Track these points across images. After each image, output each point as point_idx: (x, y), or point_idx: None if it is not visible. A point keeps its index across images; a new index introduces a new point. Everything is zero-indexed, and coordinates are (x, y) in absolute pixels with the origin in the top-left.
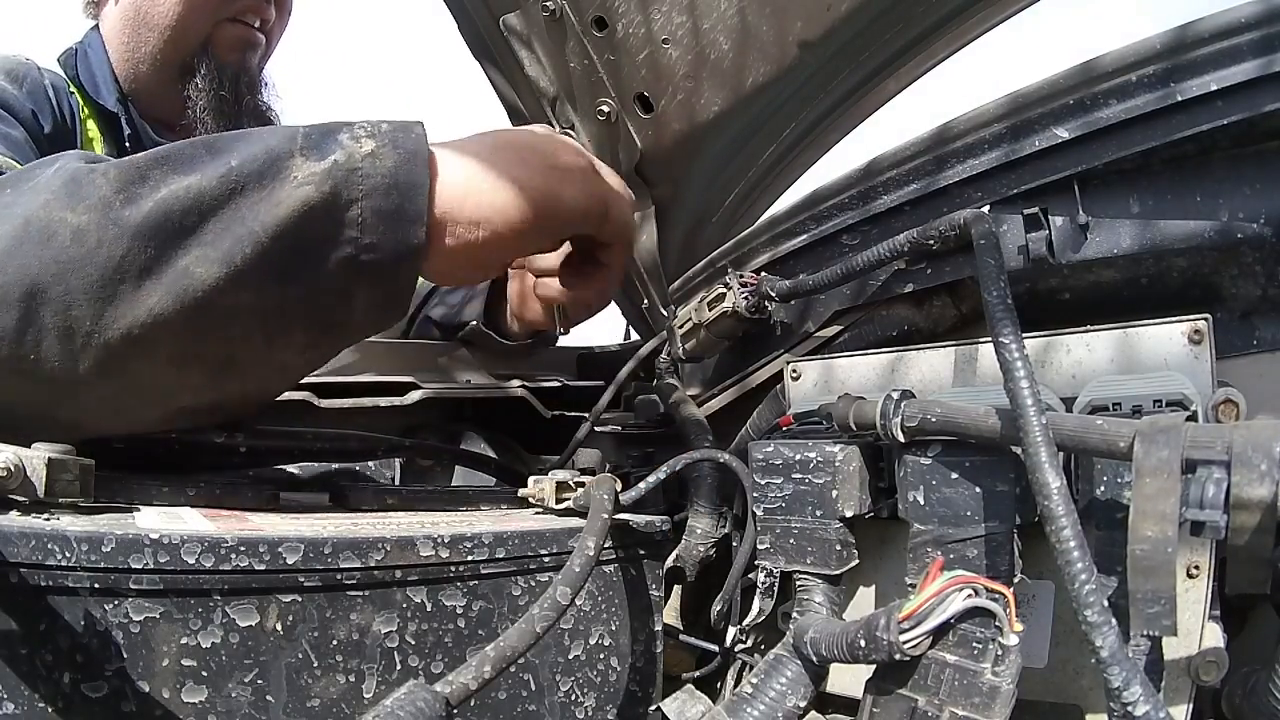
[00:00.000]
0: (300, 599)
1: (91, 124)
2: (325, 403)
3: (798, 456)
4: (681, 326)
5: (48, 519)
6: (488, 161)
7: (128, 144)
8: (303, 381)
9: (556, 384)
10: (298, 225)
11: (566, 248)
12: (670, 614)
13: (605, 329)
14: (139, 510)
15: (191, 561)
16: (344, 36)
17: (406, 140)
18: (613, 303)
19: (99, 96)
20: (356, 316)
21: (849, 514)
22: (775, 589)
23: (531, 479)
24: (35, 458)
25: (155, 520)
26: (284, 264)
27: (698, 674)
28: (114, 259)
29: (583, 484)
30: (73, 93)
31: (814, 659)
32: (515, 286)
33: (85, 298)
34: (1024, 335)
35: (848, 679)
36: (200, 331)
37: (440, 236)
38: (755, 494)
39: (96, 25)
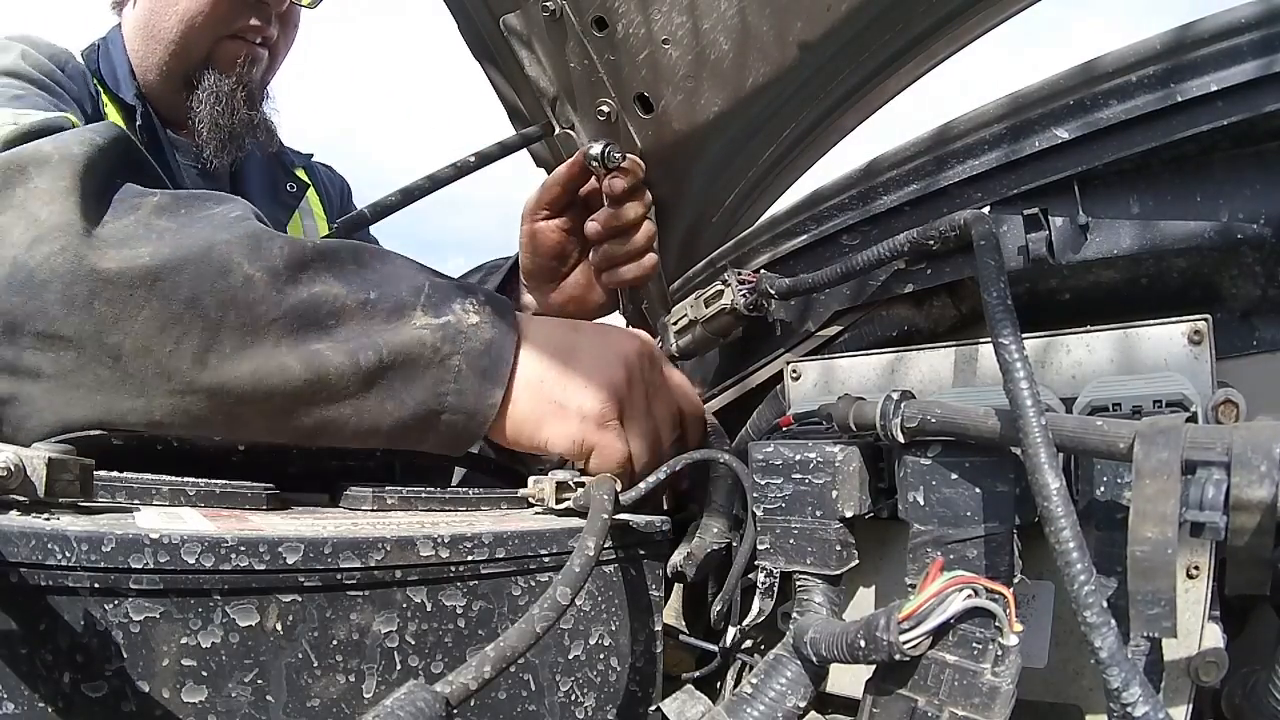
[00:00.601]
0: (300, 599)
1: (112, 112)
2: None
3: (798, 457)
4: (676, 323)
5: (48, 519)
6: (543, 401)
7: (142, 136)
8: None
9: None
10: (411, 352)
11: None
12: (670, 614)
13: None
14: (139, 510)
15: (191, 561)
16: (343, 36)
17: (502, 323)
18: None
19: (118, 90)
20: (425, 448)
21: (849, 514)
22: (775, 589)
23: (531, 479)
24: (35, 458)
25: (155, 520)
26: (391, 375)
27: (698, 674)
28: (268, 318)
29: (583, 484)
30: (96, 84)
31: (814, 659)
32: (581, 278)
33: (235, 332)
34: (1024, 335)
35: (848, 679)
36: (308, 398)
37: (507, 411)
38: (755, 494)
39: (119, 24)
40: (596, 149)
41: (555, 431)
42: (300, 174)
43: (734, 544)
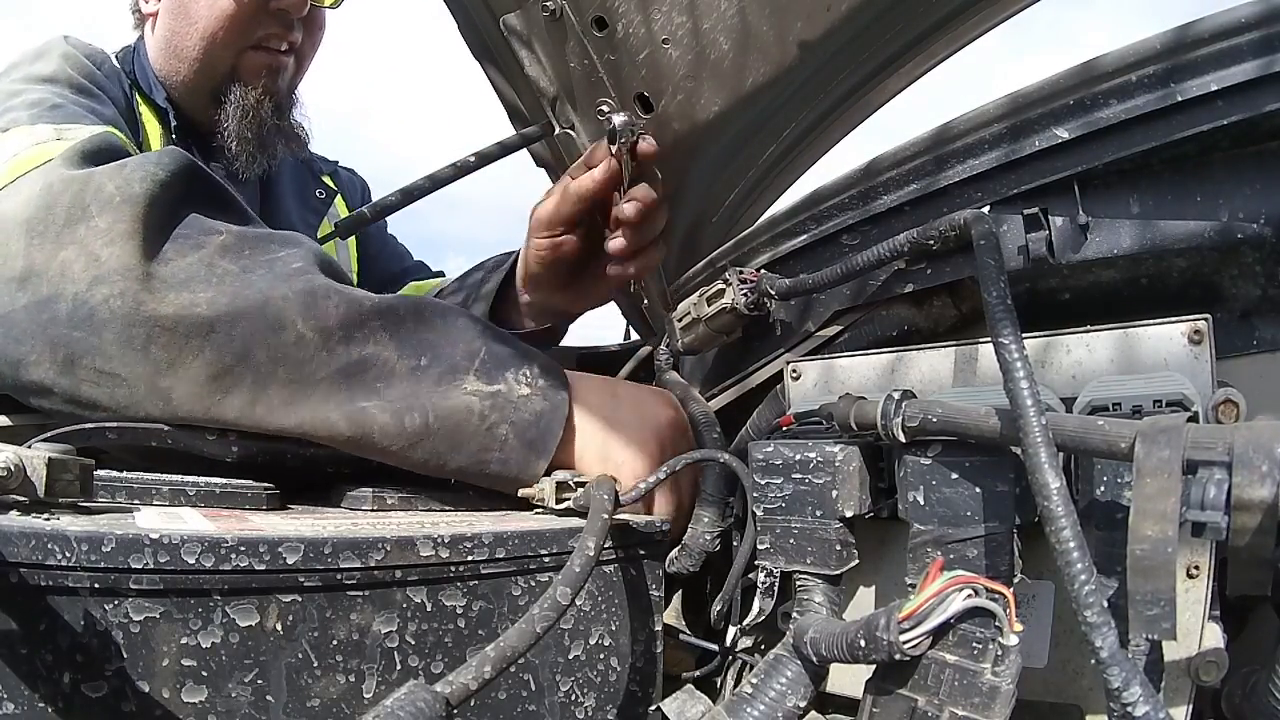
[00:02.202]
0: (300, 599)
1: (146, 112)
2: None
3: (798, 456)
4: (681, 320)
5: (48, 519)
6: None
7: (174, 135)
8: None
9: None
10: (458, 417)
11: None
12: (670, 614)
13: (605, 329)
14: (139, 510)
15: (191, 561)
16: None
17: (553, 397)
18: (612, 303)
19: (151, 93)
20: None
21: (849, 514)
22: (775, 589)
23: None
24: (35, 458)
25: (155, 520)
26: (437, 441)
27: (698, 674)
28: (316, 376)
29: (583, 484)
30: (131, 86)
31: (814, 659)
32: (588, 279)
33: (283, 388)
34: (1024, 335)
35: (848, 679)
36: (352, 449)
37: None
38: (755, 494)
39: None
40: (620, 120)
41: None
42: (328, 180)
43: (734, 543)
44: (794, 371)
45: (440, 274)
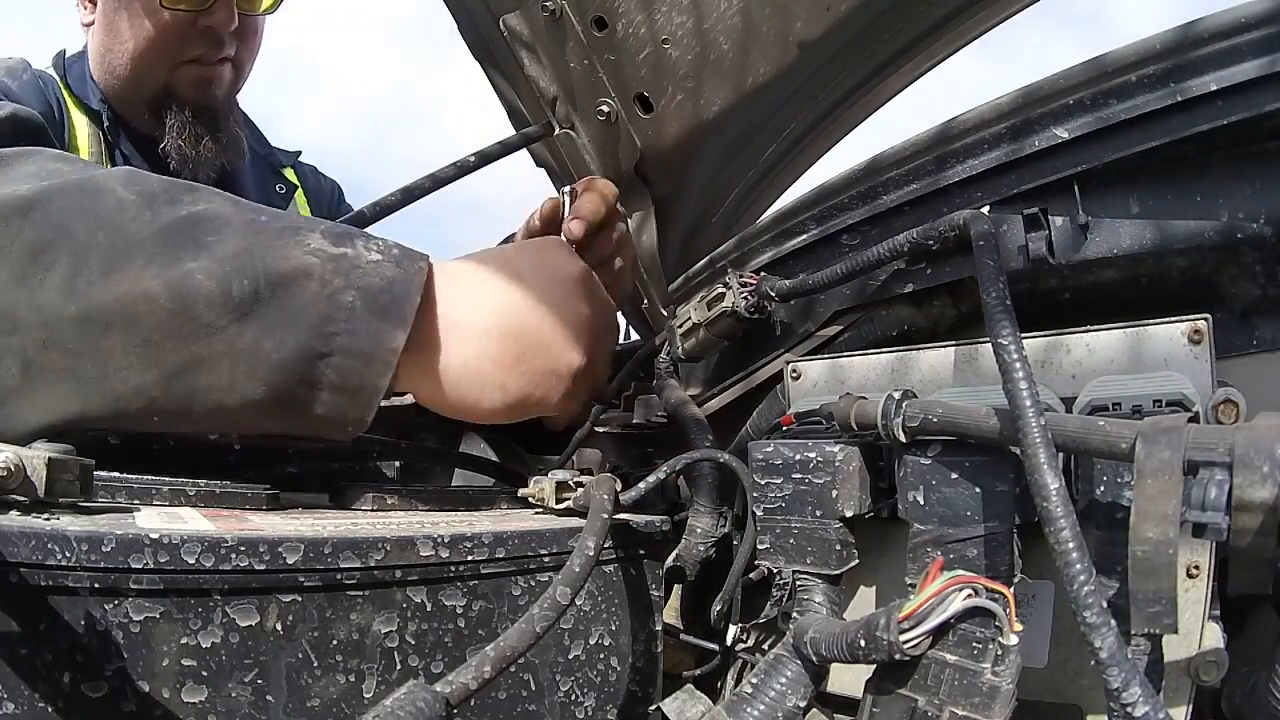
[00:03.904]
0: (300, 599)
1: (77, 116)
2: None
3: (798, 456)
4: (681, 326)
5: (48, 519)
6: (489, 345)
7: (107, 137)
8: None
9: None
10: (294, 282)
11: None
12: (670, 614)
13: None
14: (139, 510)
15: (191, 561)
16: (343, 37)
17: (409, 264)
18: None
19: (85, 98)
20: (317, 408)
21: (849, 514)
22: (787, 595)
23: (531, 479)
24: (35, 458)
25: (155, 520)
26: (269, 312)
27: (698, 674)
28: (138, 236)
29: (583, 484)
30: (61, 90)
31: (814, 659)
32: None
33: (102, 254)
34: (1024, 335)
35: (848, 679)
36: (175, 330)
37: (424, 371)
38: (755, 494)
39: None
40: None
41: (546, 389)
42: (289, 174)
43: (734, 543)
44: (794, 371)
45: None
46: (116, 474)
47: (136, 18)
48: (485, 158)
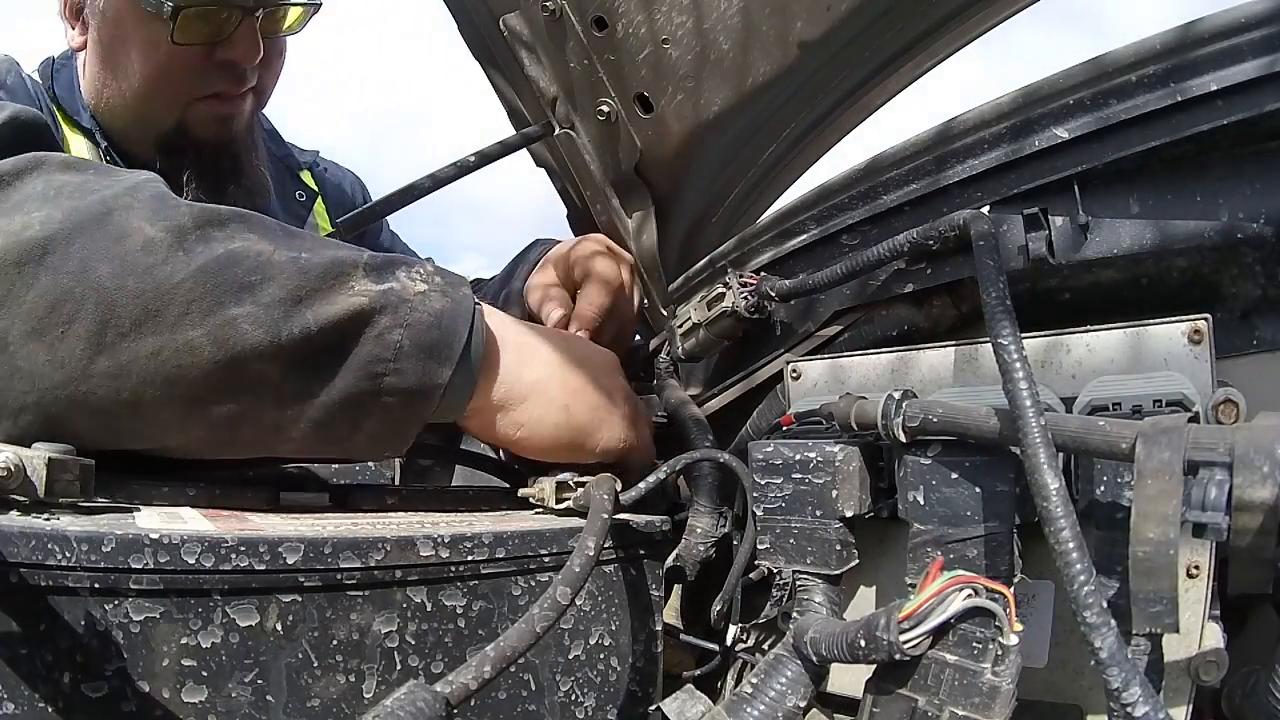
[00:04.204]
0: (300, 599)
1: (70, 132)
2: None
3: (798, 456)
4: (681, 326)
5: (48, 519)
6: (547, 376)
7: (105, 157)
8: None
9: None
10: (344, 327)
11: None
12: (670, 614)
13: None
14: (139, 510)
15: (191, 561)
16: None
17: (454, 292)
18: None
19: (75, 113)
20: (358, 440)
21: (849, 514)
22: (787, 596)
23: (532, 479)
24: (35, 458)
25: (155, 520)
26: (319, 356)
27: (698, 674)
28: (172, 281)
29: (583, 484)
30: (50, 102)
31: (814, 659)
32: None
33: (132, 303)
34: (1024, 335)
35: (848, 679)
36: (222, 385)
37: (481, 405)
38: (755, 494)
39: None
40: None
41: (607, 432)
42: (307, 178)
43: (734, 543)
44: (794, 371)
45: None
46: (116, 474)
47: (141, 50)
48: (485, 158)
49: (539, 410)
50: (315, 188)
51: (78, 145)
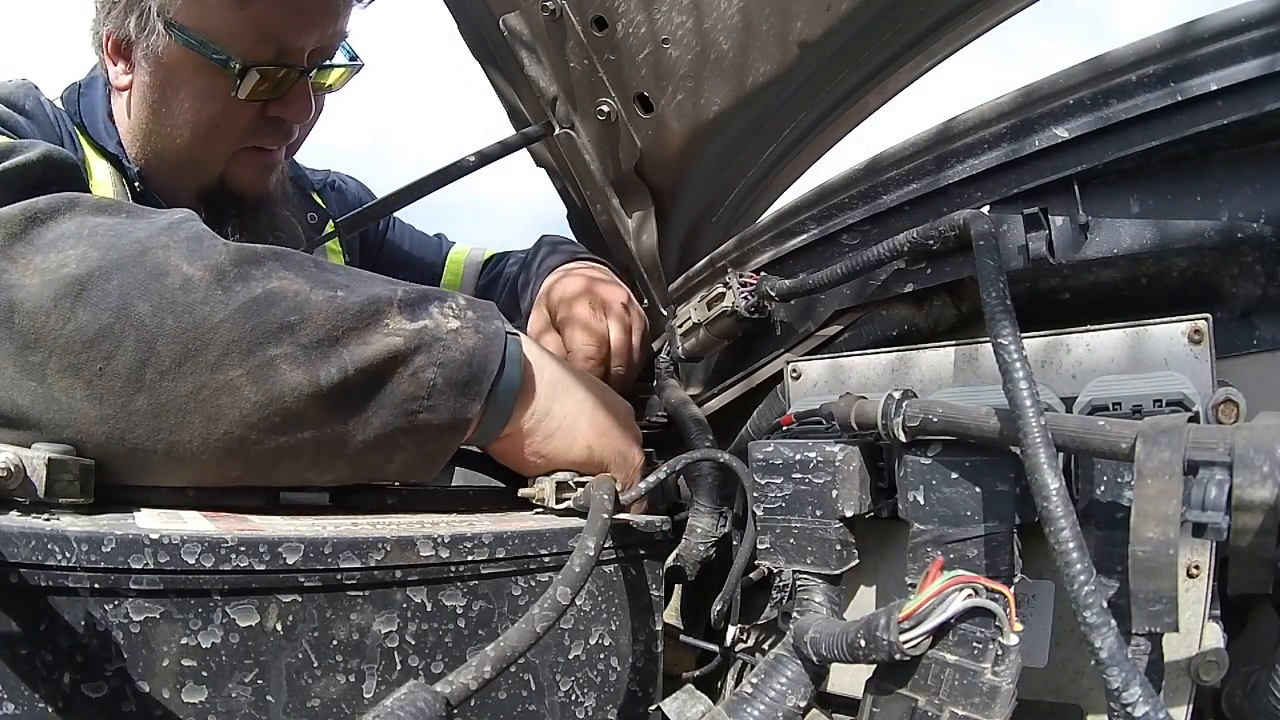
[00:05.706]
0: (300, 599)
1: (94, 158)
2: None
3: (798, 456)
4: (681, 326)
5: (48, 519)
6: (577, 413)
7: (133, 186)
8: None
9: None
10: (380, 367)
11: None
12: (670, 614)
13: None
14: (139, 510)
15: (191, 561)
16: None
17: (486, 328)
18: None
19: (100, 139)
20: (389, 470)
21: (849, 514)
22: (788, 596)
23: (531, 479)
24: (35, 458)
25: (155, 520)
26: (356, 395)
27: (698, 674)
28: (212, 320)
29: (583, 484)
30: (74, 126)
31: (814, 659)
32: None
33: (173, 341)
34: (1024, 335)
35: (848, 679)
36: (261, 424)
37: (511, 432)
38: (755, 494)
39: (106, 90)
40: None
41: (620, 477)
42: (318, 199)
43: (734, 543)
44: (794, 371)
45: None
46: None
47: (197, 99)
48: (485, 158)
49: (564, 445)
50: (325, 209)
51: (101, 170)
